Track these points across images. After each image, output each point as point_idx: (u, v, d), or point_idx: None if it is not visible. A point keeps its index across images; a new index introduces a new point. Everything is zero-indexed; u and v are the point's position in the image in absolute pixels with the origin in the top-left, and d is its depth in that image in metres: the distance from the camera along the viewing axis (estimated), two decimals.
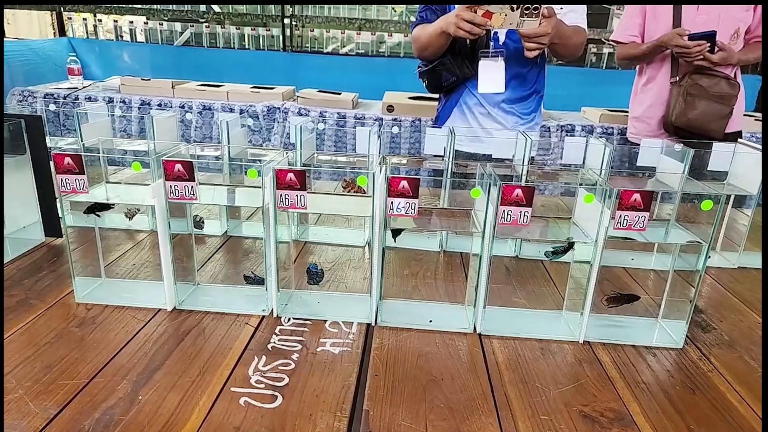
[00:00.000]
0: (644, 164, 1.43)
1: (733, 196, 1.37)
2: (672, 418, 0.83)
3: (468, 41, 1.79)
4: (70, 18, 5.07)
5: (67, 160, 0.96)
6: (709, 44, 2.13)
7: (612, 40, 2.46)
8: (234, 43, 5.01)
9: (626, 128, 3.27)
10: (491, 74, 1.80)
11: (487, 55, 1.80)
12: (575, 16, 1.80)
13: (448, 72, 1.88)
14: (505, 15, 1.53)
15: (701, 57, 2.16)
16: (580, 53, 1.86)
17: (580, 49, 1.84)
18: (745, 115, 3.40)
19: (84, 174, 0.97)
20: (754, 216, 1.36)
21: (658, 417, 0.83)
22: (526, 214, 0.94)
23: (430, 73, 1.92)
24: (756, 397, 0.89)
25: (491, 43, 1.81)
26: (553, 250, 1.16)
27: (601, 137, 1.36)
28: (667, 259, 1.09)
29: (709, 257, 1.37)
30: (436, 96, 2.53)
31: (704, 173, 1.37)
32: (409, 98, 3.39)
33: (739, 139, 1.41)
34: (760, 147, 1.32)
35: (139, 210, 1.42)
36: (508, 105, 1.92)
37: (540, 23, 1.56)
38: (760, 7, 2.18)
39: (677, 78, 2.26)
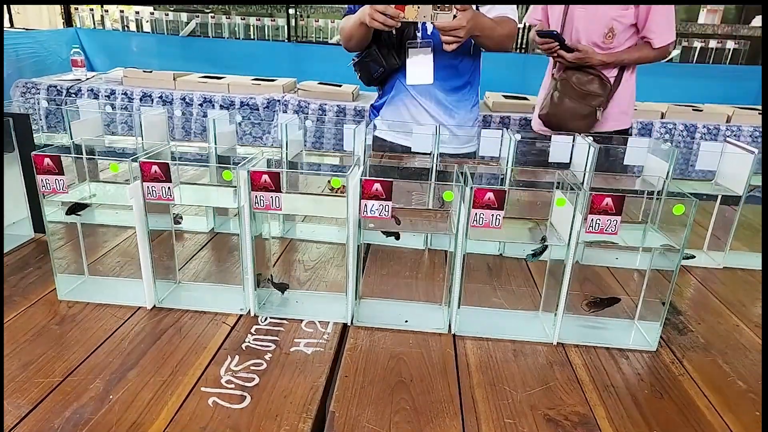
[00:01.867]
0: (631, 163, 1.42)
1: (719, 196, 1.36)
2: (637, 422, 0.83)
3: (394, 32, 1.79)
4: (77, 8, 5.09)
5: (47, 161, 0.98)
6: (557, 43, 2.10)
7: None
8: (239, 33, 5.01)
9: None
10: (419, 66, 1.81)
11: (414, 46, 1.81)
12: (503, 8, 1.81)
13: (375, 63, 1.89)
14: (418, 7, 1.55)
15: (555, 54, 2.14)
16: (511, 44, 1.87)
17: (509, 40, 1.85)
18: (750, 109, 3.37)
19: (63, 174, 0.99)
20: (740, 216, 1.35)
21: (623, 421, 0.83)
22: (498, 217, 0.94)
23: (360, 65, 1.94)
24: (725, 403, 0.89)
25: (418, 34, 1.81)
26: (532, 252, 1.16)
27: (588, 136, 1.36)
28: (650, 258, 1.09)
29: (694, 257, 1.37)
30: None
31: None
32: None
33: (727, 139, 1.39)
34: (748, 147, 1.31)
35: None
36: (440, 97, 1.93)
37: (454, 16, 1.56)
38: (647, 7, 2.06)
39: (553, 72, 2.25)
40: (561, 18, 2.19)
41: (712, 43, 4.71)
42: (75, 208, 1.07)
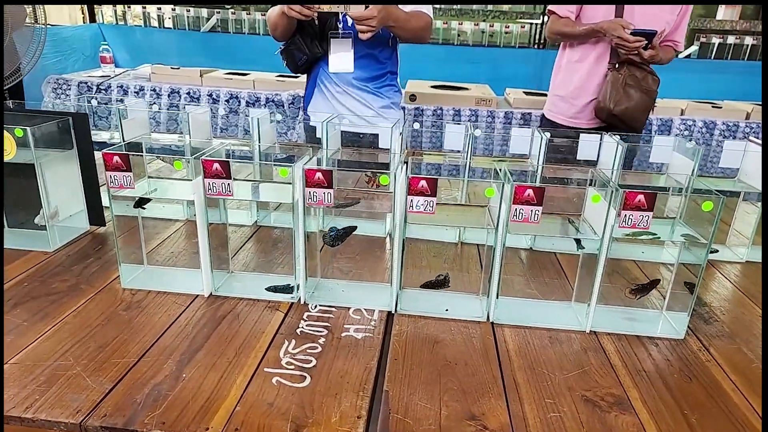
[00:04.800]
0: (656, 161, 1.48)
1: (742, 193, 1.42)
2: (668, 403, 0.90)
3: (317, 22, 1.91)
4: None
5: (116, 158, 1.05)
6: (646, 41, 2.15)
7: (549, 10, 2.39)
8: (259, 29, 5.08)
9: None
10: (340, 54, 1.93)
11: (336, 36, 1.91)
12: (417, 3, 1.92)
13: (299, 51, 2.00)
14: None
15: (635, 52, 2.17)
16: (426, 36, 1.99)
17: (425, 32, 1.97)
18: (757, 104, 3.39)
19: (130, 171, 1.07)
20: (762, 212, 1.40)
21: (655, 402, 0.90)
22: (537, 212, 1.00)
23: (286, 53, 2.05)
24: (749, 386, 0.95)
25: (339, 25, 1.91)
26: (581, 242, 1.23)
27: (614, 134, 1.41)
28: (676, 252, 1.15)
29: (717, 251, 1.43)
30: (460, 85, 2.49)
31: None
32: (432, 87, 3.43)
33: (750, 137, 1.45)
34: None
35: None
36: (361, 83, 2.03)
37: (367, 6, 1.67)
38: (683, 13, 2.22)
39: (615, 65, 2.26)
40: (613, 15, 2.21)
41: (731, 39, 4.71)
42: (140, 202, 1.14)
